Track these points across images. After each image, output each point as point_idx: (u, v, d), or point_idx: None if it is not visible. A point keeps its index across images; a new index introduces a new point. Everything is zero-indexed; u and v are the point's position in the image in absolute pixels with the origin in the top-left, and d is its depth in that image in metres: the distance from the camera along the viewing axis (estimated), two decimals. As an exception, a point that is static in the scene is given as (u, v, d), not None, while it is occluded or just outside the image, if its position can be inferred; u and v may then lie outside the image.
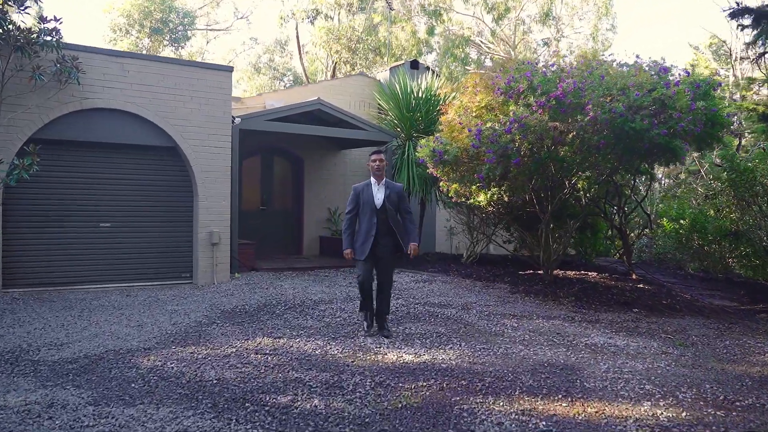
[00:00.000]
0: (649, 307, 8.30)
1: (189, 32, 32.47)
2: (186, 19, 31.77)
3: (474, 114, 8.82)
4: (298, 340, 6.03)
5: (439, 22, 22.93)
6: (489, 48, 27.45)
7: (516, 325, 6.95)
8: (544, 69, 8.11)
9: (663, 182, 18.07)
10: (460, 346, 5.95)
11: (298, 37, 30.42)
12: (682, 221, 12.78)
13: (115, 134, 9.06)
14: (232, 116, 10.21)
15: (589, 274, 10.75)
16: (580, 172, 8.45)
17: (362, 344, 5.89)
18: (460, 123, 8.66)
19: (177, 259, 9.72)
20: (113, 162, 9.22)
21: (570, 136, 7.64)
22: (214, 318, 7.00)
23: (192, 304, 7.85)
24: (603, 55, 16.86)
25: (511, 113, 7.86)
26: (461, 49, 23.40)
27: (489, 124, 8.19)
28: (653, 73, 8.25)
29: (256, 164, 13.09)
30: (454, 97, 11.03)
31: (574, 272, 10.76)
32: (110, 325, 6.50)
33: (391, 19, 23.26)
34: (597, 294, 8.87)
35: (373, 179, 6.05)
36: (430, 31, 23.95)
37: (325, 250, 13.41)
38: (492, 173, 8.18)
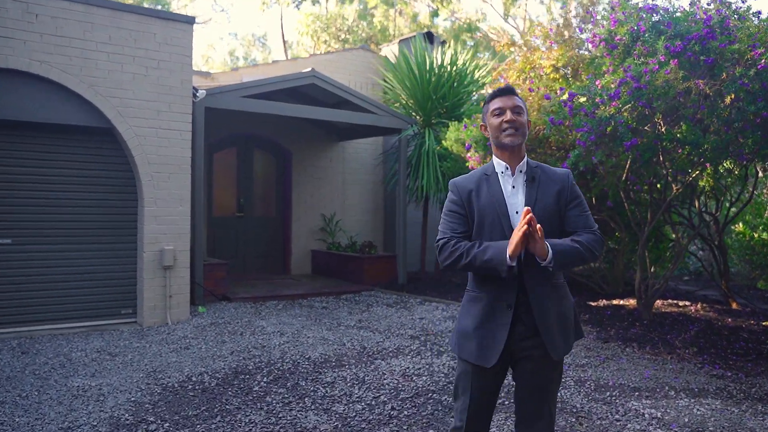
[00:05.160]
0: (811, 363, 5.55)
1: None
2: (160, 7, 28.90)
3: (545, 78, 6.02)
4: (293, 472, 3.16)
5: (445, 3, 20.13)
6: (493, 38, 24.82)
7: (657, 413, 4.14)
8: (666, 5, 5.34)
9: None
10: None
11: (282, 25, 27.58)
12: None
13: (17, 108, 6.13)
14: (194, 87, 7.31)
15: (680, 303, 8.00)
16: (707, 164, 5.65)
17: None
18: (530, 89, 5.84)
19: (113, 290, 6.78)
20: (15, 150, 6.29)
21: (727, 101, 4.84)
22: (146, 407, 4.09)
23: (120, 370, 4.94)
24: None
25: (619, 70, 5.07)
26: (469, 35, 20.66)
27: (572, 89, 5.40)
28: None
29: (230, 158, 10.17)
30: (505, 61, 8.22)
31: (660, 301, 7.99)
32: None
33: (393, 2, 20.46)
34: (722, 340, 6.11)
35: (497, 160, 2.45)
36: (434, 15, 21.18)
37: (318, 268, 10.52)
38: (584, 162, 5.39)
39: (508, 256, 2.20)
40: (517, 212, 2.36)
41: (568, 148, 6.08)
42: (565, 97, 5.21)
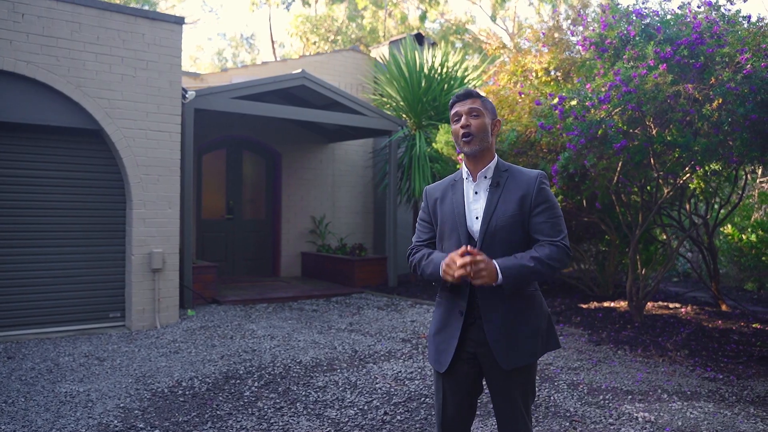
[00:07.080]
0: (801, 365, 5.58)
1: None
2: (147, 8, 28.71)
3: (536, 82, 6.02)
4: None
5: (434, 4, 20.14)
6: (482, 40, 24.88)
7: (651, 417, 4.14)
8: (657, 9, 5.34)
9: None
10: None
11: (270, 26, 27.46)
12: (761, 232, 10.16)
13: (3, 109, 6.04)
14: (184, 89, 7.25)
15: (670, 305, 8.03)
16: (698, 167, 5.68)
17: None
18: (520, 93, 5.84)
19: (101, 293, 6.69)
20: (0, 151, 6.20)
21: (713, 105, 4.87)
22: (135, 413, 4.03)
23: (109, 375, 4.87)
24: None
25: (610, 74, 5.08)
26: (458, 37, 20.70)
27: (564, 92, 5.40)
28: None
29: (219, 160, 10.10)
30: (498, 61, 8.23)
31: (651, 303, 8.02)
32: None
33: (382, 4, 20.43)
34: (714, 342, 6.13)
35: (464, 167, 2.40)
36: (423, 18, 21.19)
37: (308, 270, 10.47)
38: (574, 165, 5.40)
39: (441, 273, 2.22)
40: (477, 218, 2.32)
41: (559, 150, 6.09)
42: (556, 101, 5.21)
